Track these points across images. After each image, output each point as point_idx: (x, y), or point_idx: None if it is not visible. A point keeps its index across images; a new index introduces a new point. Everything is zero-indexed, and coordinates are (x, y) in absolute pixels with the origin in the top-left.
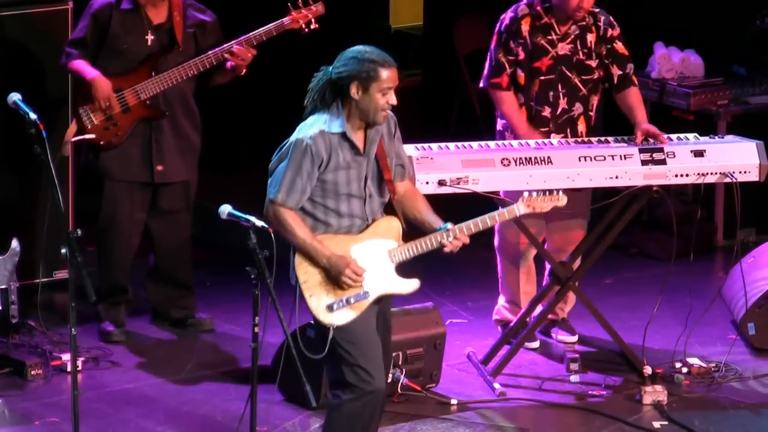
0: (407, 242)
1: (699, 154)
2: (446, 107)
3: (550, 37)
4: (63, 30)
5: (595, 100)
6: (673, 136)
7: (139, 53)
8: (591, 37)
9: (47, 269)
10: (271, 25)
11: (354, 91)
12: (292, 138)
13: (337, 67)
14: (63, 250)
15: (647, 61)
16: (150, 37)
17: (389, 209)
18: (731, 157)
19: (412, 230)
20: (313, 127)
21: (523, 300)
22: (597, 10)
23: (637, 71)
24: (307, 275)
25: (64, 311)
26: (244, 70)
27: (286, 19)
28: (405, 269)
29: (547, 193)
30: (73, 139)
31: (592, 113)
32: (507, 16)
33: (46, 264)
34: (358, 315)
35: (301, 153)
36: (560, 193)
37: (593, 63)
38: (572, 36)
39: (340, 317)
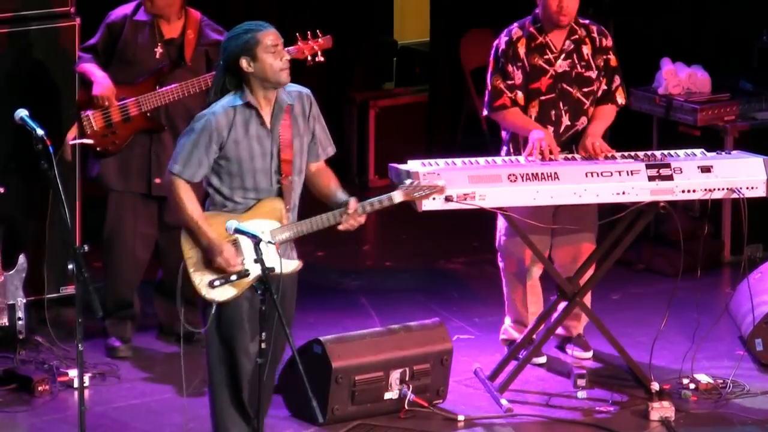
0: (296, 222)
1: (706, 169)
2: (453, 123)
3: (546, 57)
4: (70, 46)
5: (592, 112)
6: (681, 152)
7: (147, 65)
8: (586, 49)
9: (54, 285)
10: None
11: (245, 64)
12: (198, 115)
13: (222, 54)
14: (70, 266)
15: (654, 76)
16: (159, 50)
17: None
18: (738, 173)
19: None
20: (218, 105)
21: (530, 320)
22: (587, 21)
23: (643, 87)
24: (192, 251)
25: (71, 327)
26: None
27: (291, 48)
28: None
29: (427, 181)
30: (71, 142)
31: None
32: (501, 41)
33: (53, 280)
34: (239, 292)
35: (201, 127)
36: (439, 182)
37: (593, 74)
38: (567, 51)
39: (221, 294)
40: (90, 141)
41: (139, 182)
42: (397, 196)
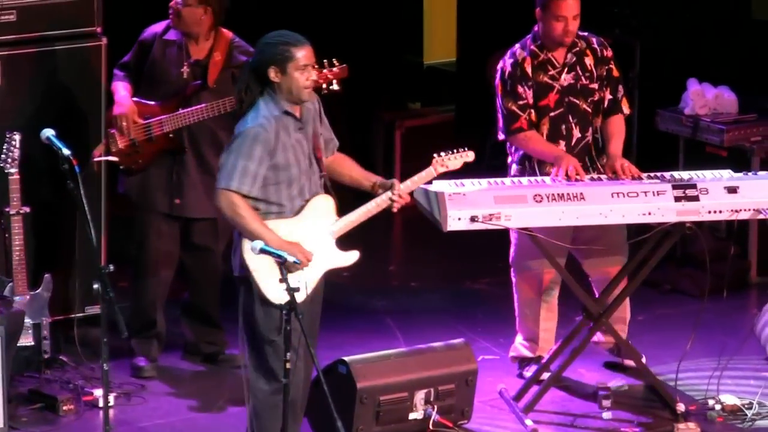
0: (343, 215)
1: (732, 190)
2: (479, 143)
3: (551, 73)
4: (97, 66)
5: (598, 122)
6: (708, 173)
7: (173, 85)
8: (589, 60)
9: (80, 304)
10: None
11: (273, 74)
12: (239, 129)
13: (254, 56)
14: (95, 286)
15: (681, 97)
16: (186, 71)
17: None
18: (765, 194)
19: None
20: (257, 116)
21: (542, 337)
22: (586, 33)
23: (670, 107)
24: (258, 263)
25: (97, 346)
26: None
27: None
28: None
29: (456, 150)
30: (97, 159)
31: (597, 135)
32: (507, 63)
33: (79, 299)
34: (308, 293)
35: (252, 140)
36: (467, 149)
37: (596, 85)
38: (570, 64)
39: (298, 297)
40: (115, 159)
41: (161, 201)
42: (434, 169)
